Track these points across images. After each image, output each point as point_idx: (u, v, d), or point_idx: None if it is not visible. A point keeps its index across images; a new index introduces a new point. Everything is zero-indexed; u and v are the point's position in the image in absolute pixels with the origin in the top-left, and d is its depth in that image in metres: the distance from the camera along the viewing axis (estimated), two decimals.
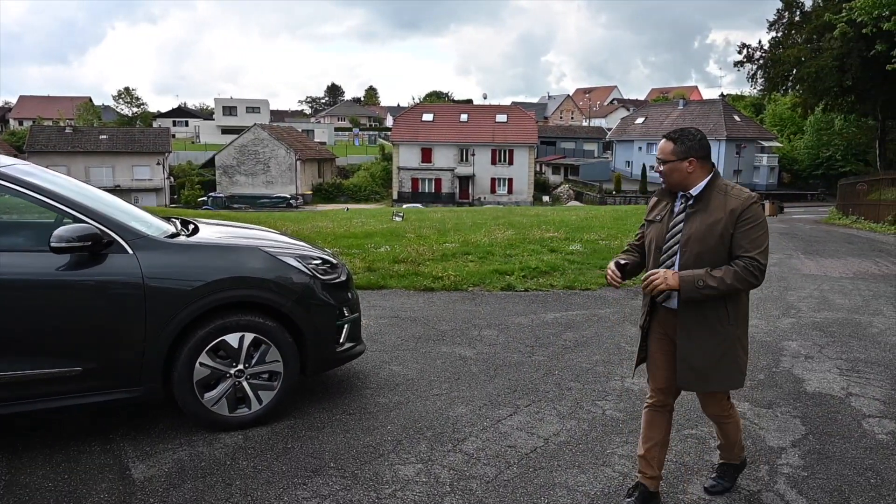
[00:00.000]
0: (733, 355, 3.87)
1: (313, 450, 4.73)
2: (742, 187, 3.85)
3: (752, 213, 3.67)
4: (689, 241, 3.77)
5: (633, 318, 8.73)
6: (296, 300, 5.11)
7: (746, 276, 3.63)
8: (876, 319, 9.18)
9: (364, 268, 11.32)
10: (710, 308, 3.78)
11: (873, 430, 5.32)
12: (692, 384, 3.96)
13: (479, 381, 6.21)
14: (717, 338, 3.81)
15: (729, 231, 3.68)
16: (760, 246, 3.67)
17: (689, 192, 3.85)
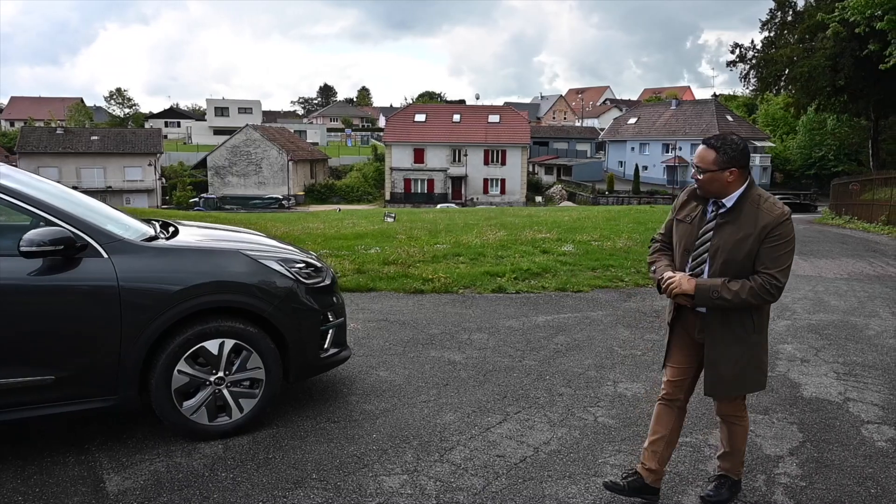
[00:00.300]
0: (758, 361, 3.93)
1: (295, 460, 4.57)
2: (776, 200, 3.79)
3: (781, 231, 3.66)
4: (717, 251, 3.77)
5: (626, 321, 8.60)
6: (278, 305, 4.95)
7: (762, 293, 3.64)
8: (872, 322, 9.06)
9: (353, 270, 11.16)
10: (736, 319, 3.82)
11: (872, 438, 5.18)
12: (717, 390, 4.01)
13: (468, 386, 6.06)
14: (743, 347, 3.86)
15: (757, 247, 3.68)
16: (782, 265, 3.67)
17: (723, 202, 3.82)
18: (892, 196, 26.31)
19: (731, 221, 3.76)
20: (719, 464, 4.28)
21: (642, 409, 5.59)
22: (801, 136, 72.39)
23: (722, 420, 4.21)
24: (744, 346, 3.86)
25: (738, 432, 4.16)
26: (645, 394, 5.99)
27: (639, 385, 6.22)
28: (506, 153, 71.88)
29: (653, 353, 7.21)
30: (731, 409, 4.12)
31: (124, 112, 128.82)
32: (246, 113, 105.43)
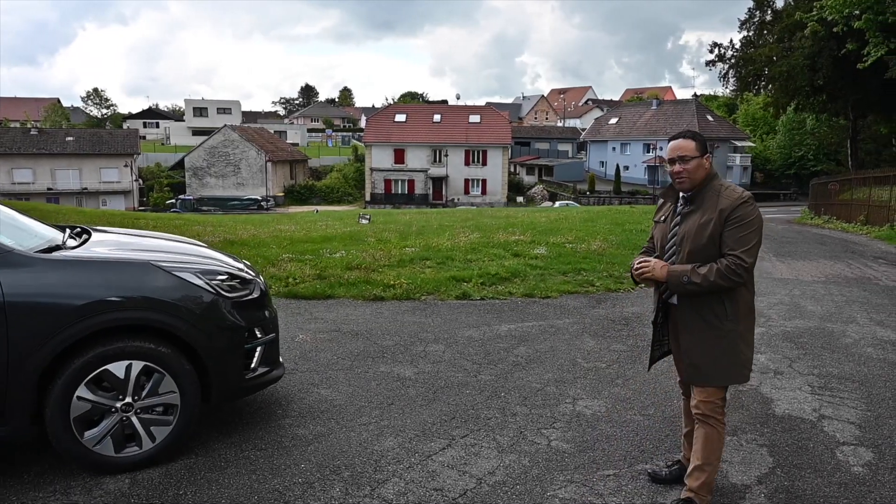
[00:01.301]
0: (733, 351, 3.90)
1: (209, 497, 4.08)
2: (736, 187, 3.94)
3: (740, 213, 3.75)
4: (683, 240, 3.91)
5: (593, 330, 8.16)
6: (194, 322, 4.45)
7: (729, 275, 3.69)
8: (849, 328, 8.67)
9: (314, 275, 10.67)
10: (707, 305, 3.87)
11: (848, 461, 4.76)
12: (694, 378, 4.03)
13: (414, 406, 5.58)
14: (715, 333, 3.88)
15: (718, 230, 3.77)
16: (746, 245, 3.73)
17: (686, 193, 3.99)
18: (871, 196, 26.12)
19: (694, 209, 3.91)
20: (686, 484, 4.00)
21: (601, 431, 5.15)
22: (780, 136, 72.40)
23: (697, 421, 4.02)
24: (717, 334, 3.88)
25: (714, 438, 3.95)
26: (606, 412, 5.55)
27: (600, 402, 5.78)
28: (487, 153, 71.39)
29: (618, 366, 6.78)
30: (709, 406, 3.97)
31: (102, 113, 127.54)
32: (225, 113, 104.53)
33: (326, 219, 27.42)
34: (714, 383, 3.94)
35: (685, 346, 3.99)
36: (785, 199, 67.00)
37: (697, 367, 3.95)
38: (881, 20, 28.65)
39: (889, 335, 8.38)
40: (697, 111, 73.52)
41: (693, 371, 3.99)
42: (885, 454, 4.89)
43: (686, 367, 4.04)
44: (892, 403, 5.98)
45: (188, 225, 20.62)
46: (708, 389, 3.95)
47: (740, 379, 4.01)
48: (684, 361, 4.04)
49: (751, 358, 3.99)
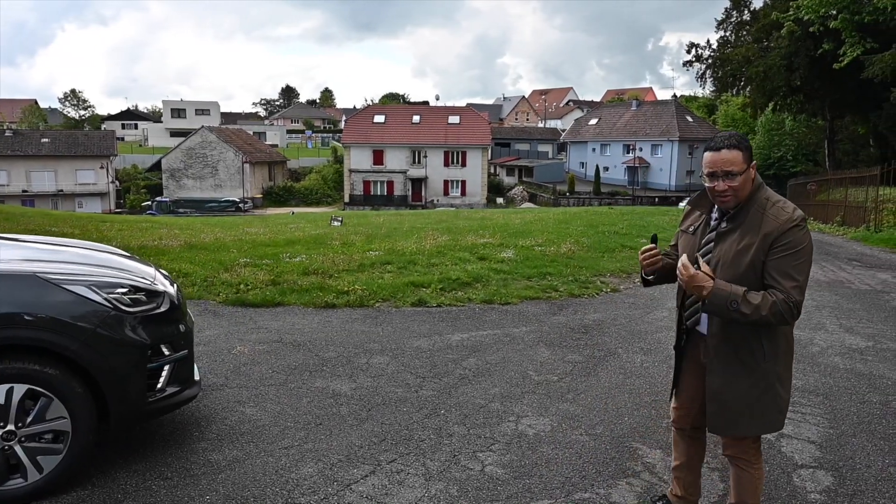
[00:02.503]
0: (772, 396, 3.35)
1: None
2: (785, 204, 3.28)
3: (790, 239, 3.13)
4: (718, 264, 3.29)
5: (550, 339, 7.78)
6: (86, 340, 4.02)
7: (784, 312, 3.10)
8: (817, 336, 8.35)
9: (268, 281, 10.22)
10: (743, 342, 3.30)
11: (805, 487, 4.41)
12: (721, 429, 3.48)
13: (343, 426, 5.17)
14: (752, 377, 3.32)
15: (760, 258, 3.17)
16: (797, 279, 3.13)
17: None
18: (847, 196, 25.94)
19: (733, 229, 3.29)
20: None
21: (542, 454, 4.77)
22: (760, 137, 72.48)
23: (729, 462, 3.64)
24: (754, 377, 3.31)
25: (747, 480, 3.52)
26: (550, 432, 5.17)
27: (545, 420, 5.39)
28: (466, 154, 71.06)
29: (570, 379, 6.41)
30: (740, 449, 3.53)
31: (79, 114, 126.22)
32: (203, 114, 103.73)
33: (299, 221, 26.95)
34: (745, 433, 3.44)
35: (714, 389, 3.40)
36: None
37: (728, 414, 3.39)
38: (857, 20, 28.64)
39: (858, 343, 8.08)
40: (677, 112, 73.58)
41: (721, 419, 3.42)
42: (845, 478, 4.55)
43: (712, 413, 3.45)
44: (857, 419, 5.66)
45: (153, 228, 20.10)
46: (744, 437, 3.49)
47: (775, 427, 3.46)
48: (711, 408, 3.45)
49: (788, 400, 3.44)
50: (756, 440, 3.54)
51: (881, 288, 11.99)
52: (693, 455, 3.85)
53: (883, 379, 6.74)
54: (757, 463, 3.56)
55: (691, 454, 3.84)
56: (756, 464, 3.55)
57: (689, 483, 3.88)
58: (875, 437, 5.28)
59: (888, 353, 7.72)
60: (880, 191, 22.86)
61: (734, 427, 3.43)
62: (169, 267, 10.94)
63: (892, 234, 20.03)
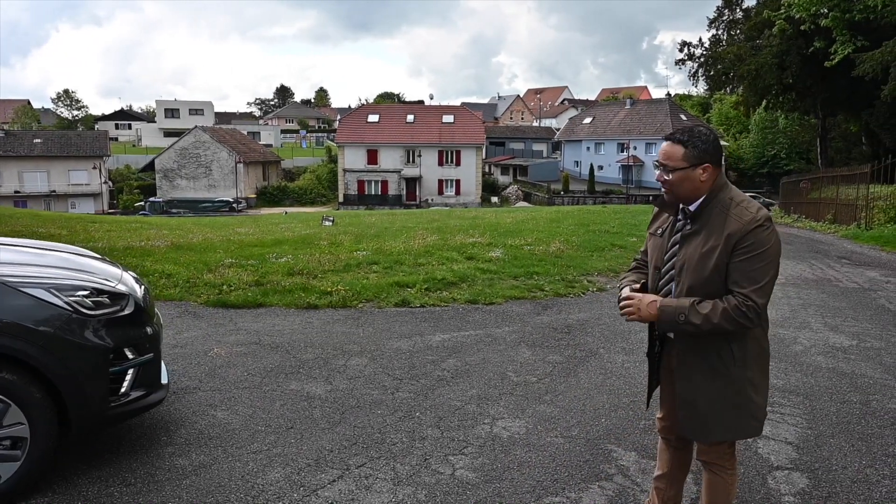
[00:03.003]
0: (744, 401, 3.26)
1: None
2: (750, 204, 3.18)
3: (753, 240, 3.05)
4: (683, 268, 3.23)
5: (532, 339, 7.72)
6: (44, 344, 3.94)
7: (737, 317, 3.02)
8: (801, 334, 8.30)
9: (251, 282, 10.14)
10: (711, 348, 3.22)
11: (779, 490, 4.35)
12: (693, 434, 3.43)
13: (315, 430, 5.10)
14: (722, 382, 3.23)
15: (724, 260, 3.09)
16: (758, 281, 3.05)
17: (688, 207, 3.27)
18: (838, 194, 25.92)
19: (696, 231, 3.21)
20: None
21: (514, 457, 4.70)
22: (753, 135, 72.70)
23: (703, 466, 3.56)
24: (724, 383, 3.23)
25: (721, 485, 3.45)
26: (524, 434, 5.10)
27: (521, 422, 5.33)
28: (460, 153, 71.00)
29: (550, 380, 6.34)
30: (715, 455, 3.45)
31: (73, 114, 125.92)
32: (197, 114, 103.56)
33: (291, 221, 26.85)
34: (718, 439, 3.37)
35: (683, 396, 3.35)
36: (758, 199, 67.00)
37: (699, 420, 3.33)
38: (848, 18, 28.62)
39: (842, 341, 8.03)
40: (671, 111, 73.56)
41: (693, 424, 3.36)
42: (820, 480, 4.50)
43: (684, 419, 3.39)
44: (836, 419, 5.61)
45: (142, 228, 19.98)
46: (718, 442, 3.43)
47: (750, 432, 3.38)
48: (681, 413, 3.39)
49: (763, 406, 3.34)
50: (731, 445, 3.47)
51: (869, 286, 11.95)
52: (677, 466, 3.76)
53: (865, 378, 6.70)
54: (731, 468, 3.49)
55: (675, 465, 3.75)
56: (730, 469, 3.48)
57: (668, 497, 3.78)
58: (853, 438, 5.23)
59: (872, 351, 7.67)
60: (871, 188, 22.85)
61: (707, 433, 3.37)
62: (152, 268, 10.86)
63: (882, 232, 20.01)
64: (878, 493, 4.36)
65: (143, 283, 5.19)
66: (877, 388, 6.43)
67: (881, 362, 7.26)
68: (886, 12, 26.42)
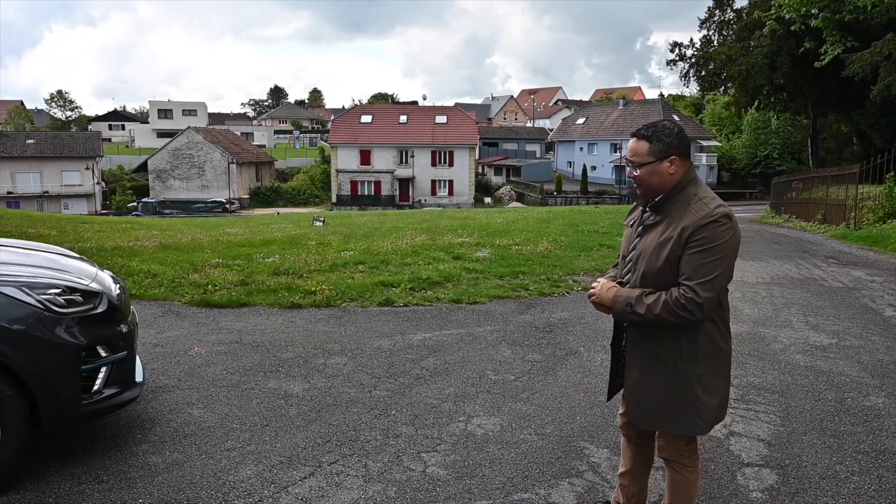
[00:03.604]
0: (690, 398, 3.27)
1: None
2: (710, 200, 3.21)
3: (704, 235, 3.08)
4: (639, 257, 3.31)
5: (513, 338, 7.75)
6: (15, 342, 3.96)
7: (677, 309, 3.07)
8: (782, 333, 8.34)
9: (237, 281, 10.16)
10: (661, 339, 3.27)
11: (748, 486, 4.38)
12: (639, 421, 3.49)
13: (290, 428, 5.13)
14: (668, 375, 3.28)
15: (676, 253, 3.14)
16: (705, 275, 3.06)
17: (653, 199, 3.35)
18: (828, 194, 25.97)
19: (658, 223, 3.28)
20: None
21: (487, 454, 4.73)
22: (746, 136, 72.75)
23: (665, 464, 3.60)
24: (670, 374, 3.27)
25: (682, 483, 3.48)
26: (498, 431, 5.14)
27: (496, 420, 5.36)
28: (453, 154, 71.05)
29: (528, 378, 6.38)
30: (675, 451, 3.49)
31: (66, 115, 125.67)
32: (190, 115, 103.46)
33: (282, 221, 26.86)
34: (661, 430, 3.44)
35: (631, 382, 3.44)
36: (751, 199, 67.08)
37: (644, 409, 3.40)
38: (838, 19, 28.79)
39: (822, 340, 8.08)
40: (664, 111, 73.62)
41: (638, 412, 3.44)
42: (789, 476, 4.53)
43: (631, 405, 3.49)
44: (810, 416, 5.65)
45: (133, 229, 19.95)
46: (674, 436, 3.45)
47: (694, 430, 3.35)
48: (630, 399, 3.49)
49: (712, 407, 3.31)
50: (690, 442, 3.49)
51: (853, 285, 11.98)
52: (639, 462, 3.78)
53: (842, 376, 6.73)
54: (692, 466, 3.52)
55: (637, 461, 3.78)
56: (691, 467, 3.51)
57: (632, 493, 3.81)
58: (825, 435, 5.26)
59: (850, 350, 7.71)
60: (860, 188, 22.91)
61: (651, 422, 3.43)
62: (138, 268, 10.87)
63: (870, 232, 20.02)
64: (846, 489, 4.40)
65: (120, 281, 5.21)
66: (853, 385, 6.46)
67: (859, 360, 7.29)
68: (876, 13, 26.59)
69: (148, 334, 7.44)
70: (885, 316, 9.46)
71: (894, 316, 9.48)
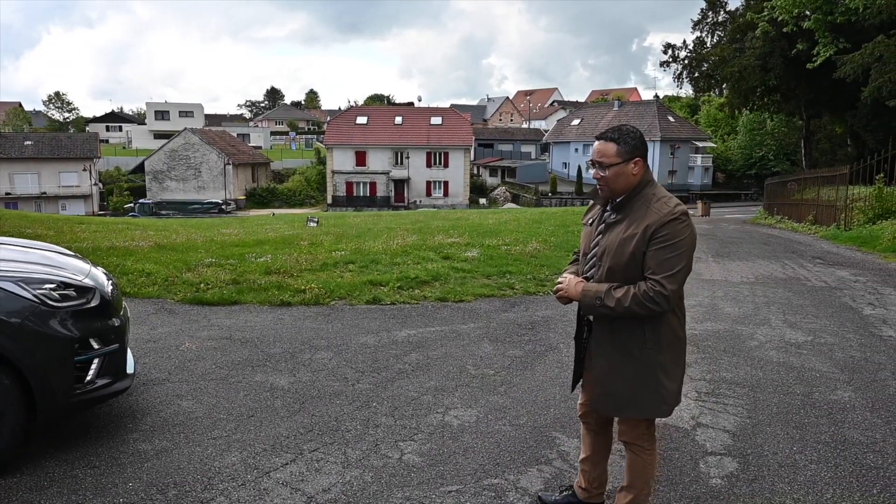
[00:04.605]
0: (654, 384, 3.50)
1: None
2: (670, 199, 3.45)
3: (668, 231, 3.31)
4: (603, 254, 3.50)
5: (496, 335, 7.98)
6: (13, 334, 4.19)
7: (646, 302, 3.28)
8: (759, 331, 8.56)
9: (229, 280, 10.37)
10: (626, 330, 3.48)
11: (709, 473, 4.60)
12: (606, 409, 3.70)
13: (275, 418, 5.35)
14: (634, 363, 3.49)
15: (641, 249, 3.35)
16: (669, 269, 3.30)
17: (614, 199, 3.55)
18: (819, 195, 26.16)
19: (619, 221, 3.48)
20: (615, 501, 3.87)
21: (462, 443, 4.96)
22: (741, 137, 72.99)
23: (625, 447, 3.81)
24: (634, 364, 3.49)
25: (640, 464, 3.70)
26: (474, 422, 5.36)
27: (473, 412, 5.59)
28: (448, 155, 71.30)
29: (507, 373, 6.60)
30: (635, 435, 3.70)
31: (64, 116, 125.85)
32: (187, 116, 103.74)
33: (277, 222, 27.09)
34: (628, 415, 3.63)
35: (598, 373, 3.62)
36: (746, 200, 67.35)
37: (611, 397, 3.60)
38: (830, 20, 28.92)
39: (798, 337, 8.29)
40: (659, 112, 73.87)
41: (606, 401, 3.63)
42: (750, 465, 4.75)
43: (598, 395, 3.66)
44: (777, 409, 5.86)
45: (129, 229, 20.15)
46: (634, 420, 3.66)
47: (659, 413, 3.60)
48: (596, 389, 3.66)
49: (674, 391, 3.56)
50: (649, 426, 3.72)
51: (836, 285, 12.15)
52: (598, 449, 4.00)
53: (812, 372, 6.93)
54: (650, 448, 3.73)
55: (597, 448, 3.99)
56: (649, 449, 3.73)
57: (593, 478, 4.02)
58: (789, 427, 5.48)
59: (824, 346, 7.90)
60: (851, 189, 23.10)
61: (617, 410, 3.64)
62: (133, 267, 11.08)
63: (860, 232, 20.18)
64: (802, 477, 4.61)
65: (112, 278, 5.44)
66: (822, 380, 6.66)
67: (832, 357, 7.49)
68: (868, 14, 26.70)
69: (141, 330, 7.66)
70: (863, 314, 9.65)
71: (873, 314, 9.66)
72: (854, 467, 4.77)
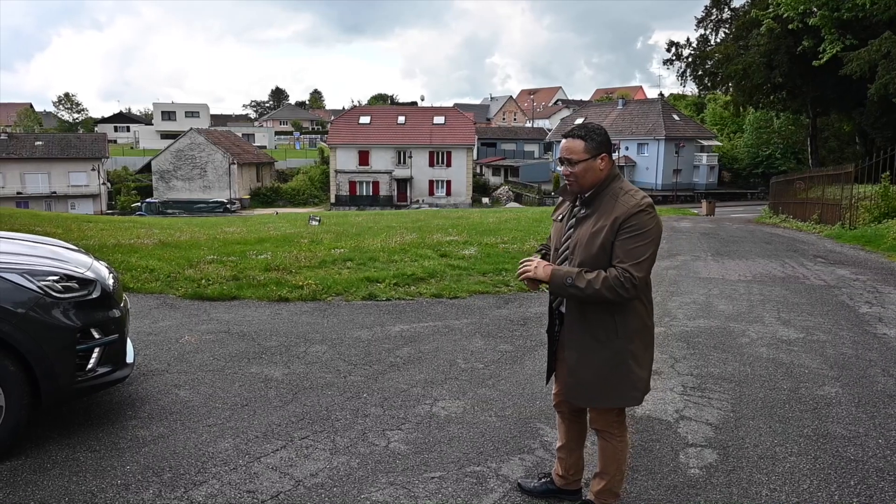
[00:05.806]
0: (625, 372, 3.62)
1: (20, 498, 4.02)
2: (636, 192, 3.59)
3: (635, 222, 3.45)
4: (575, 247, 3.62)
5: (487, 330, 8.12)
6: (18, 323, 4.40)
7: (616, 286, 3.40)
8: (752, 328, 8.64)
9: (229, 277, 10.55)
10: (596, 320, 3.59)
11: (688, 464, 4.73)
12: (578, 399, 3.80)
13: (268, 408, 5.52)
14: (605, 352, 3.60)
15: (610, 240, 3.48)
16: (637, 258, 3.44)
17: (583, 194, 3.66)
18: (824, 194, 26.03)
19: (589, 215, 3.61)
20: (591, 486, 4.00)
21: (447, 433, 5.10)
22: (748, 135, 72.76)
23: (597, 434, 3.94)
24: (605, 352, 3.60)
25: (611, 451, 3.84)
26: (461, 413, 5.50)
27: (460, 403, 5.73)
28: (451, 154, 71.43)
29: (496, 366, 6.74)
30: (605, 422, 3.83)
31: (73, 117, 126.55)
32: (193, 117, 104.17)
33: (280, 221, 27.30)
34: (600, 405, 3.74)
35: (570, 364, 3.72)
36: (752, 199, 67.18)
37: (582, 387, 3.69)
38: (836, 16, 28.59)
39: (790, 334, 8.35)
40: (663, 111, 73.71)
41: (578, 391, 3.73)
42: (729, 456, 4.87)
43: (570, 385, 3.75)
44: (762, 404, 5.96)
45: (134, 227, 20.37)
46: (606, 409, 3.77)
47: (630, 402, 3.71)
48: (569, 379, 3.76)
49: (644, 378, 3.69)
50: (620, 414, 3.83)
51: (835, 283, 12.09)
52: (573, 437, 4.11)
53: (801, 368, 7.00)
54: (621, 436, 3.86)
55: (571, 436, 4.11)
56: (620, 436, 3.85)
57: (569, 465, 4.15)
58: (772, 420, 5.57)
59: (816, 344, 7.96)
60: (856, 188, 23.01)
61: (590, 399, 3.74)
62: (137, 263, 11.27)
63: (864, 231, 19.98)
64: (781, 468, 4.72)
65: (114, 272, 5.63)
66: (810, 376, 6.74)
67: (822, 353, 7.56)
68: (875, 10, 26.48)
69: (143, 324, 7.86)
70: (859, 312, 9.68)
71: (869, 312, 9.69)
72: (833, 460, 4.87)
